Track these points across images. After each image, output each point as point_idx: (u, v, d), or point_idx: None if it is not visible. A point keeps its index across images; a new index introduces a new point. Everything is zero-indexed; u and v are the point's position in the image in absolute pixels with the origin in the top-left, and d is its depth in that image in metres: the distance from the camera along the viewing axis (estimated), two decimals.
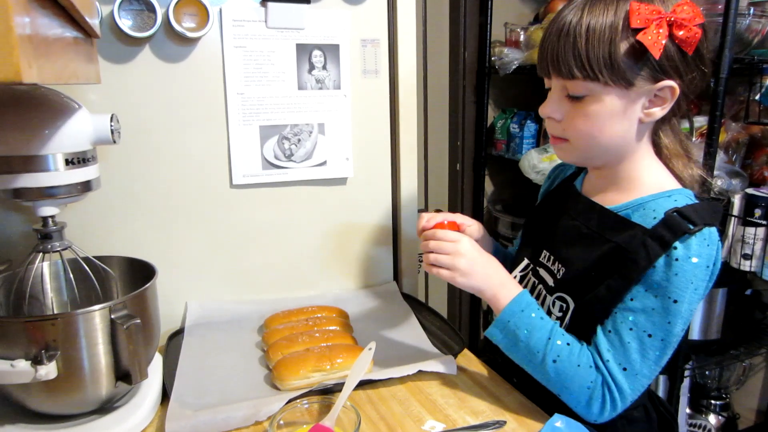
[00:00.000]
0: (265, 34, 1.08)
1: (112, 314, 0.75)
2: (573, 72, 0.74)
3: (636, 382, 0.74)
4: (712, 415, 1.76)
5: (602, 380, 0.75)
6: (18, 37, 0.31)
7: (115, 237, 1.05)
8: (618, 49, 0.71)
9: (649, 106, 0.75)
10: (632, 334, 0.73)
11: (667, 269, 0.71)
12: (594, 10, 0.72)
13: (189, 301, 1.14)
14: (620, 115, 0.75)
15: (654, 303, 0.72)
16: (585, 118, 0.76)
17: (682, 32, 0.70)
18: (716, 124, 1.31)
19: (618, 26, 0.71)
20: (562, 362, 0.76)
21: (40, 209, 0.77)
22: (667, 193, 0.77)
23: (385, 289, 1.28)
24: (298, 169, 1.16)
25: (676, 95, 0.74)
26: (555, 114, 0.79)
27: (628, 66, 0.71)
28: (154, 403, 0.84)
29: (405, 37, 1.19)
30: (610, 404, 0.75)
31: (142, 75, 1.02)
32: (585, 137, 0.78)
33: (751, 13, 1.33)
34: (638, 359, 0.73)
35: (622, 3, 0.71)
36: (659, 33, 0.69)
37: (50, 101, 0.76)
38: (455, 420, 0.82)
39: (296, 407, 0.79)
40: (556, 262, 0.85)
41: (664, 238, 0.71)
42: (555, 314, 0.82)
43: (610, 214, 0.79)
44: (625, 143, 0.78)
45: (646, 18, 0.69)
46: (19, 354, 0.70)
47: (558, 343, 0.77)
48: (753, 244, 1.40)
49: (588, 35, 0.71)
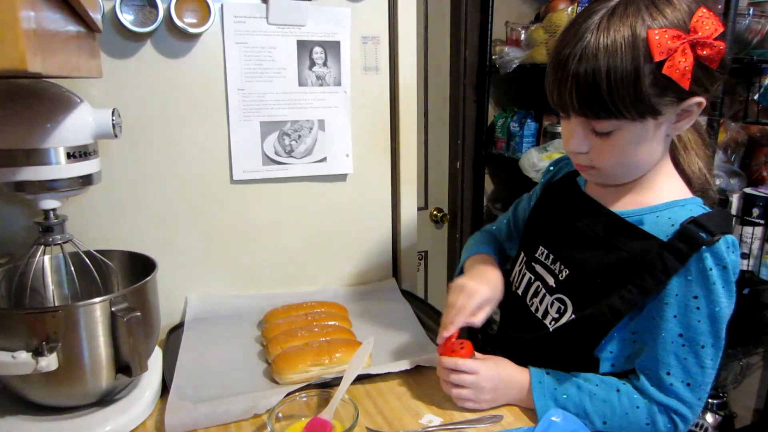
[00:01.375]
0: (267, 31, 1.09)
1: (113, 307, 0.75)
2: (599, 115, 0.69)
3: (701, 392, 0.74)
4: (709, 414, 1.77)
5: (662, 408, 0.75)
6: (24, 28, 0.32)
7: (116, 231, 1.06)
8: (643, 86, 0.66)
9: (677, 121, 0.73)
10: (686, 350, 0.73)
11: (704, 281, 0.70)
12: (608, 41, 0.65)
13: (189, 296, 1.14)
14: (650, 139, 0.72)
15: (699, 315, 0.71)
16: (614, 149, 0.73)
17: (706, 51, 0.66)
18: (715, 124, 1.31)
19: (639, 62, 0.65)
20: (610, 418, 0.77)
21: (41, 202, 0.78)
22: (681, 202, 0.75)
23: (384, 286, 1.28)
24: (298, 165, 1.17)
25: (703, 107, 0.71)
26: (581, 149, 0.75)
27: (655, 99, 0.67)
28: (153, 395, 0.85)
29: (406, 34, 1.19)
30: (681, 420, 0.75)
31: (144, 70, 1.02)
32: (616, 166, 0.75)
33: (750, 13, 1.33)
34: (698, 372, 0.73)
35: (639, 29, 0.65)
36: (685, 61, 0.65)
37: (52, 95, 0.77)
38: (452, 414, 0.83)
39: (295, 400, 0.80)
40: (558, 262, 0.83)
41: (681, 251, 0.70)
42: (552, 315, 0.82)
43: (620, 220, 0.77)
44: (655, 159, 0.76)
45: (668, 48, 0.64)
46: (20, 346, 0.71)
47: (595, 406, 0.77)
48: (751, 243, 1.40)
49: (609, 78, 0.66)
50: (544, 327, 0.83)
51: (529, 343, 0.87)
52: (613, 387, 0.78)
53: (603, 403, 0.77)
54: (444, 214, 2.10)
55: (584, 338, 0.79)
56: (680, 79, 0.65)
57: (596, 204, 0.82)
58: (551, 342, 0.82)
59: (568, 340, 0.80)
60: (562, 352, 0.82)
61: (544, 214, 0.93)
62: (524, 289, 0.90)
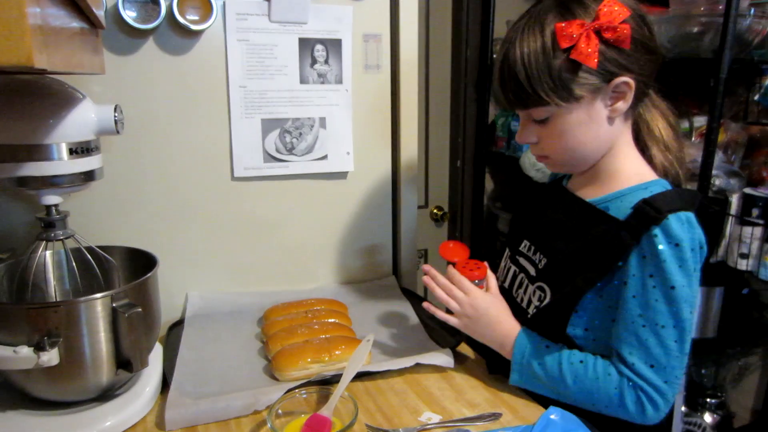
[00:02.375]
0: (268, 28, 1.09)
1: (114, 302, 0.76)
2: (526, 104, 0.77)
3: (669, 375, 0.74)
4: (708, 414, 1.77)
5: (632, 384, 0.75)
6: (30, 24, 0.32)
7: (118, 227, 1.06)
8: (556, 70, 0.73)
9: (612, 103, 0.77)
10: (646, 331, 0.74)
11: (655, 258, 0.72)
12: (524, 39, 0.75)
13: (189, 292, 1.14)
14: (587, 122, 0.78)
15: (655, 294, 0.73)
16: (556, 136, 0.79)
17: (610, 34, 0.72)
18: (715, 124, 1.32)
19: (549, 49, 0.73)
20: (581, 380, 0.78)
21: (43, 198, 0.78)
22: (644, 185, 0.79)
23: (384, 283, 1.29)
24: (299, 162, 1.17)
25: (633, 87, 0.75)
26: (529, 139, 0.82)
27: (572, 82, 0.74)
28: (154, 391, 0.85)
29: (407, 32, 1.20)
30: (650, 404, 0.75)
31: (146, 67, 1.02)
32: (563, 151, 0.81)
33: (751, 13, 1.33)
34: (661, 353, 0.74)
35: (548, 25, 0.74)
36: (589, 45, 0.71)
37: (55, 91, 0.77)
38: (452, 412, 0.83)
39: (295, 397, 0.80)
40: (538, 252, 0.87)
41: (634, 227, 0.73)
42: (534, 303, 0.85)
43: (590, 207, 0.82)
44: (603, 142, 0.80)
45: (571, 36, 0.72)
46: (22, 340, 0.71)
47: (571, 364, 0.79)
48: (750, 243, 1.40)
49: (525, 66, 0.74)
50: (525, 315, 0.87)
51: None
52: (592, 355, 0.80)
53: (579, 363, 0.79)
54: (444, 213, 2.10)
55: (554, 319, 0.81)
56: (586, 60, 0.72)
57: (573, 196, 0.87)
58: (530, 327, 0.85)
59: (542, 323, 0.83)
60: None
61: (527, 211, 0.97)
62: (510, 282, 0.94)
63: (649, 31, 0.77)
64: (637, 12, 0.75)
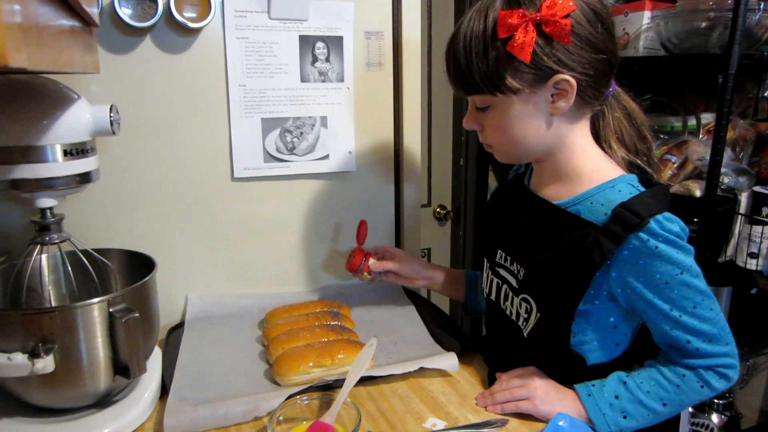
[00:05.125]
0: (268, 25, 1.07)
1: (111, 308, 0.74)
2: (466, 89, 0.76)
3: (724, 338, 0.76)
4: (715, 415, 1.75)
5: (706, 368, 0.76)
6: (4, 21, 0.30)
7: (115, 229, 1.04)
8: (492, 60, 0.71)
9: (554, 100, 0.74)
10: (685, 318, 0.74)
11: (654, 258, 0.71)
12: (470, 22, 0.73)
13: (189, 295, 1.13)
14: (527, 116, 0.75)
15: (671, 287, 0.72)
16: (495, 126, 0.78)
17: (549, 28, 0.69)
18: (724, 121, 1.29)
19: (488, 38, 0.71)
20: (669, 399, 0.77)
21: (38, 200, 0.76)
22: (611, 183, 0.76)
23: (387, 285, 1.27)
24: (300, 162, 1.15)
25: (575, 86, 0.72)
26: (473, 126, 0.81)
27: (509, 74, 0.71)
28: (152, 397, 0.84)
29: (409, 29, 1.18)
30: (729, 370, 0.76)
31: (143, 66, 1.00)
32: (502, 142, 0.80)
33: (761, 8, 1.31)
34: (708, 327, 0.74)
35: (492, 11, 0.71)
36: (525, 36, 0.69)
37: (49, 91, 0.75)
38: (457, 418, 0.81)
39: (296, 403, 0.79)
40: (515, 262, 0.84)
41: (615, 233, 0.71)
42: (523, 315, 0.82)
43: (560, 211, 0.78)
44: (547, 138, 0.77)
45: (510, 26, 0.69)
46: (17, 347, 0.70)
47: (648, 393, 0.77)
48: (760, 242, 1.38)
49: (466, 51, 0.73)
50: (519, 330, 0.84)
51: (512, 349, 0.87)
52: (652, 369, 0.79)
53: (653, 386, 0.77)
54: (447, 212, 2.08)
55: (554, 335, 0.79)
56: (520, 54, 0.70)
57: (539, 199, 0.83)
58: (529, 346, 0.83)
59: (542, 341, 0.81)
60: (542, 353, 0.83)
61: (495, 216, 0.94)
62: (495, 294, 0.90)
63: (603, 29, 0.72)
64: (589, 7, 0.71)
